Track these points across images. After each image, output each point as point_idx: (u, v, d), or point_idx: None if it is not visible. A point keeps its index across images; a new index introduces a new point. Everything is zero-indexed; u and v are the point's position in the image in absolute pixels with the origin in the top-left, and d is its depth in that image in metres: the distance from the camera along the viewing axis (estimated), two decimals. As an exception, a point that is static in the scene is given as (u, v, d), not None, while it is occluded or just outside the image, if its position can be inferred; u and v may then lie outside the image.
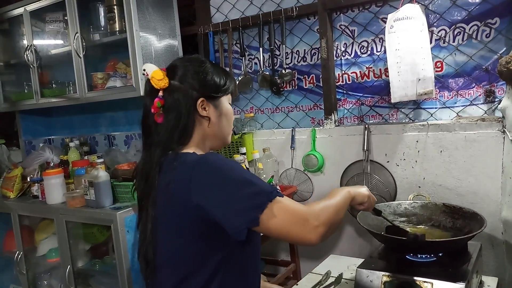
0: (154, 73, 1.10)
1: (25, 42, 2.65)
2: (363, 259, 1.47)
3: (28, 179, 2.65)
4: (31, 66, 2.61)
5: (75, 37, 2.34)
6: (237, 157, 2.03)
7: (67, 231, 2.28)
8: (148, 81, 1.12)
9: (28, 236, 2.68)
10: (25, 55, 2.61)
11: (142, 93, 2.14)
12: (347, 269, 1.66)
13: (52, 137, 3.16)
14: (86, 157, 2.60)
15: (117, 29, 2.29)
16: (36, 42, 2.63)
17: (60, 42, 2.60)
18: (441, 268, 1.40)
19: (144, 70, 1.12)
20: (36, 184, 2.52)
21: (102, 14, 2.36)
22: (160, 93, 1.09)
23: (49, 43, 2.63)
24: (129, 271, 2.06)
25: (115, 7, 2.27)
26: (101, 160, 2.37)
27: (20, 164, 2.78)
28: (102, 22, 2.37)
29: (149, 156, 1.11)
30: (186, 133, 1.11)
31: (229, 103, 1.21)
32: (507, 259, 1.74)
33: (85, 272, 2.36)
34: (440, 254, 1.44)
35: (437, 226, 1.64)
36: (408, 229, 1.54)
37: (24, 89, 2.83)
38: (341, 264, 1.73)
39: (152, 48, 2.23)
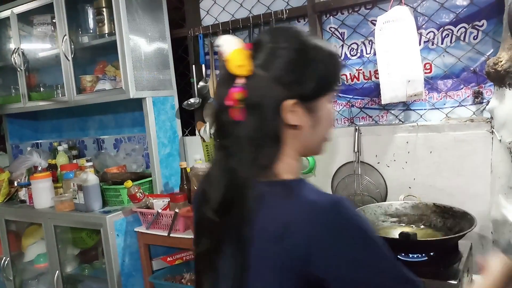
0: (234, 53, 0.78)
1: (12, 45, 2.62)
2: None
3: (16, 184, 2.62)
4: (19, 69, 2.58)
5: (64, 39, 2.32)
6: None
7: (56, 236, 2.25)
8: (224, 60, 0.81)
9: (15, 242, 2.64)
10: (12, 58, 2.58)
11: (131, 95, 2.13)
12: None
13: (40, 141, 3.12)
14: (75, 161, 2.57)
15: (106, 32, 2.28)
16: (24, 45, 2.60)
17: (48, 45, 2.57)
18: (432, 267, 1.41)
19: (218, 45, 0.82)
20: (24, 188, 2.49)
21: (91, 16, 2.35)
22: (240, 81, 0.77)
23: (37, 45, 2.60)
24: (119, 275, 2.04)
25: (104, 9, 2.26)
26: (90, 163, 2.34)
27: (7, 169, 2.74)
28: (91, 25, 2.36)
29: (232, 174, 0.77)
30: (276, 145, 0.79)
31: (333, 100, 0.90)
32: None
33: (74, 278, 2.33)
34: (431, 254, 1.46)
35: (428, 225, 1.66)
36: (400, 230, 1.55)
37: (11, 92, 2.79)
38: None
39: (142, 51, 2.22)
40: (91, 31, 2.37)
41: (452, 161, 1.83)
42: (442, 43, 1.89)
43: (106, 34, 2.28)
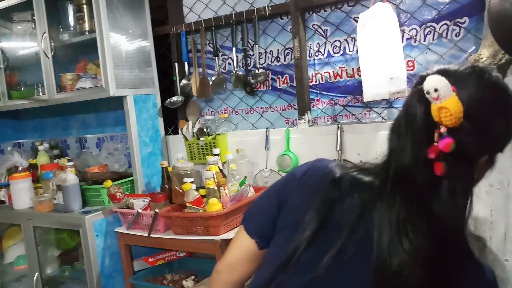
0: (454, 102, 0.70)
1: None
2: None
3: (-5, 184, 2.57)
4: (-2, 67, 2.53)
5: (43, 37, 2.27)
6: (211, 158, 2.00)
7: (35, 237, 2.21)
8: (426, 102, 0.72)
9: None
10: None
11: (111, 93, 2.10)
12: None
13: (22, 140, 3.07)
14: (56, 161, 2.52)
15: (87, 29, 2.24)
16: (3, 43, 2.55)
17: (28, 42, 2.52)
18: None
19: (437, 90, 0.70)
20: (3, 189, 2.45)
21: (71, 13, 2.30)
22: (444, 129, 0.70)
23: (17, 43, 2.55)
24: (99, 276, 2.01)
25: (84, 6, 2.22)
26: (71, 163, 2.30)
27: (-13, 169, 2.68)
28: (71, 22, 2.31)
29: (438, 245, 0.71)
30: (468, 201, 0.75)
31: None
32: (478, 254, 1.74)
33: (55, 279, 2.29)
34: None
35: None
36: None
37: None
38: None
39: (123, 49, 2.19)
40: (72, 28, 2.32)
41: (435, 159, 1.82)
42: (424, 40, 1.88)
43: (87, 32, 2.23)
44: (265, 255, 0.91)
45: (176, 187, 1.96)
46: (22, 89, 2.62)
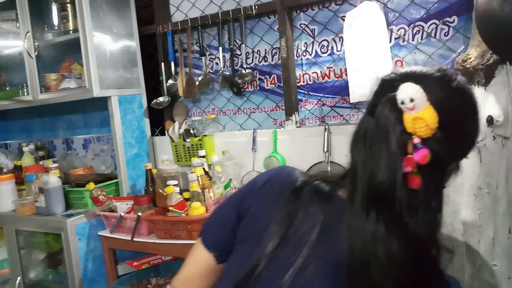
0: (429, 112, 0.67)
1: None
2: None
3: (-20, 186, 2.52)
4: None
5: (26, 36, 2.23)
6: (195, 160, 1.96)
7: (18, 241, 2.17)
8: (399, 112, 0.69)
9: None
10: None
11: (95, 94, 2.06)
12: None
13: (9, 141, 3.03)
14: (41, 162, 2.48)
15: (71, 28, 2.20)
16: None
17: (13, 42, 2.48)
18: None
19: (412, 100, 0.67)
20: (-13, 191, 2.39)
21: (55, 12, 2.26)
22: (418, 140, 0.67)
23: (2, 43, 2.51)
24: (81, 280, 1.97)
25: (68, 5, 2.18)
26: (55, 165, 2.26)
27: (-28, 170, 2.64)
28: (56, 21, 2.27)
29: (412, 259, 0.68)
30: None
31: None
32: (466, 260, 1.70)
33: (37, 284, 2.25)
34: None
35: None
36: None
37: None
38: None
39: (107, 49, 2.14)
40: (56, 27, 2.28)
41: (423, 161, 1.78)
42: (413, 40, 1.84)
43: (71, 31, 2.19)
44: (223, 270, 0.86)
45: (160, 190, 1.92)
46: (8, 89, 2.58)
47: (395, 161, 0.67)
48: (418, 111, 0.66)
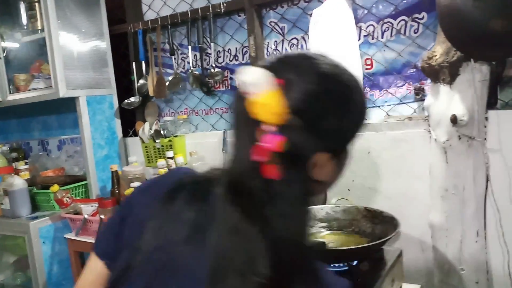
0: (269, 97, 0.62)
1: None
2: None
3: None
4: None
5: (-6, 36, 2.20)
6: (160, 162, 1.91)
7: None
8: (242, 99, 0.64)
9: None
10: None
11: (61, 95, 2.02)
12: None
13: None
14: (14, 164, 2.45)
15: (39, 28, 2.16)
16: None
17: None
18: (352, 277, 1.31)
19: (252, 84, 0.62)
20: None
21: (23, 11, 2.22)
22: (268, 128, 0.61)
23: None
24: (45, 284, 1.92)
25: (36, 4, 2.13)
26: (26, 166, 2.23)
27: None
28: (24, 20, 2.23)
29: (278, 259, 0.61)
30: (309, 204, 0.69)
31: None
32: (435, 265, 1.65)
33: (6, 287, 2.21)
34: (353, 263, 1.35)
35: (357, 232, 1.55)
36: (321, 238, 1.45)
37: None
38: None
39: (75, 49, 2.10)
40: (25, 27, 2.24)
41: (391, 162, 1.73)
42: (382, 37, 1.79)
43: (39, 30, 2.16)
44: None
45: (125, 192, 1.88)
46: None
47: (243, 149, 0.63)
48: (259, 96, 0.61)
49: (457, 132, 1.52)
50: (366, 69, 1.82)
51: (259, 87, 0.61)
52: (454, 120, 1.48)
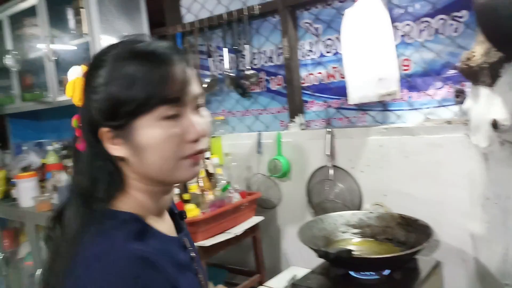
0: (69, 84, 0.80)
1: (5, 46, 2.69)
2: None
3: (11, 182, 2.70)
4: (11, 70, 2.64)
5: (46, 40, 2.34)
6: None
7: (37, 235, 2.28)
8: None
9: (14, 238, 2.72)
10: (5, 60, 2.65)
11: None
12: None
13: (43, 140, 3.19)
14: (63, 161, 2.60)
15: (85, 32, 2.27)
16: (16, 46, 2.66)
17: (37, 46, 2.61)
18: (383, 287, 1.28)
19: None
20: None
21: (71, 16, 2.35)
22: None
23: (28, 47, 2.65)
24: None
25: (81, 9, 2.25)
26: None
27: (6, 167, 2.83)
28: (72, 25, 2.36)
29: (73, 207, 0.71)
30: (111, 177, 0.71)
31: (170, 115, 0.68)
32: (476, 277, 1.57)
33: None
34: (385, 272, 1.32)
35: (390, 239, 1.51)
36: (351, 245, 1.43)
37: (9, 93, 2.87)
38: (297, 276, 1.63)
39: (117, 52, 2.19)
40: (73, 31, 2.37)
41: (429, 168, 1.66)
42: (420, 37, 1.71)
43: (85, 34, 2.27)
44: None
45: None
46: (34, 91, 2.72)
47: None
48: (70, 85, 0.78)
49: (499, 138, 1.44)
50: (404, 70, 1.75)
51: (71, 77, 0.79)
52: (495, 125, 1.40)
